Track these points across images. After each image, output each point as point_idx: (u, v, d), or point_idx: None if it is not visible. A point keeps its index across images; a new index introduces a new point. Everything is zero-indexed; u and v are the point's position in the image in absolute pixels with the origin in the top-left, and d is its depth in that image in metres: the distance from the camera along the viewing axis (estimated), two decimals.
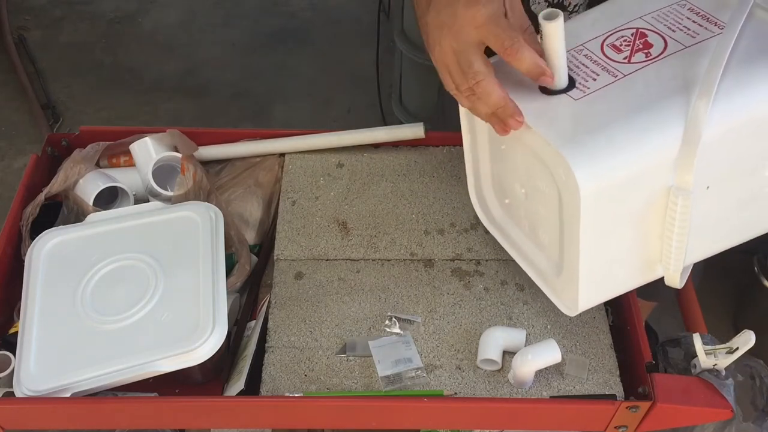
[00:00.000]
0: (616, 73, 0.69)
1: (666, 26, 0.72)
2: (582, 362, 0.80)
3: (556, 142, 0.65)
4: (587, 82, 0.69)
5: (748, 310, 1.70)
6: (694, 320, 0.92)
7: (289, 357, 0.81)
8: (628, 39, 0.72)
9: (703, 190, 0.67)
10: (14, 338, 0.78)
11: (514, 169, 0.77)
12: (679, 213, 0.66)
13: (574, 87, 0.69)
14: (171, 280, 0.80)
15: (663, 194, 0.66)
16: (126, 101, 2.32)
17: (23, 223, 0.88)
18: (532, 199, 0.76)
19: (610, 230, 0.68)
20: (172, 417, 0.78)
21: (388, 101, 2.10)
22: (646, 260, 0.72)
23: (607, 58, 0.70)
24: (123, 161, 0.98)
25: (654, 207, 0.67)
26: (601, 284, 0.74)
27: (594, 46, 0.72)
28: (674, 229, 0.67)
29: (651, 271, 0.73)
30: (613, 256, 0.71)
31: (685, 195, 0.65)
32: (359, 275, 0.88)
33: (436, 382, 0.78)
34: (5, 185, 2.06)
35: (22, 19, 2.60)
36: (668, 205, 0.66)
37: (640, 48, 0.70)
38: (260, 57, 2.48)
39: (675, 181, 0.65)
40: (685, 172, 0.64)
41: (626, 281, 0.75)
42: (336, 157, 1.00)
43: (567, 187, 0.66)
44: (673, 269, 0.71)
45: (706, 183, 0.67)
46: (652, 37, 0.71)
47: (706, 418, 0.74)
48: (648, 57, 0.69)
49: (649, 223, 0.68)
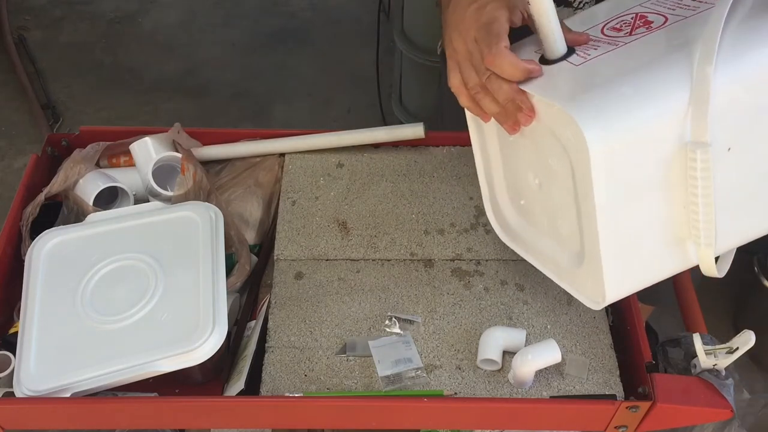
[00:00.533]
0: (617, 43, 0.67)
1: (666, 7, 0.70)
2: (582, 362, 0.80)
3: (561, 102, 0.62)
4: (587, 51, 0.67)
5: (748, 310, 1.70)
6: (694, 320, 0.92)
7: (289, 357, 0.81)
8: (628, 21, 0.70)
9: (725, 151, 0.63)
10: (14, 338, 0.78)
11: (525, 157, 0.75)
12: (700, 170, 0.62)
13: (574, 54, 0.67)
14: (171, 280, 0.80)
15: (681, 155, 0.62)
16: (126, 101, 2.33)
17: (23, 223, 0.88)
18: (546, 185, 0.73)
19: (627, 198, 0.64)
20: (172, 417, 0.78)
21: (388, 101, 2.10)
22: (674, 238, 0.67)
23: (607, 36, 0.69)
24: (123, 161, 0.98)
25: (673, 171, 0.63)
26: (627, 269, 0.69)
27: (594, 32, 0.71)
28: (698, 191, 0.63)
29: (683, 253, 0.68)
30: (634, 232, 0.66)
31: (704, 149, 0.61)
32: (359, 275, 0.88)
33: (436, 382, 0.78)
34: (5, 185, 2.06)
35: (22, 19, 2.60)
36: (687, 164, 0.62)
37: (640, 25, 0.69)
38: (260, 57, 2.48)
39: (690, 137, 0.62)
40: (699, 127, 0.61)
41: (655, 266, 0.70)
42: (336, 157, 1.00)
43: (576, 150, 0.63)
44: (704, 242, 0.65)
45: (726, 144, 0.63)
46: (652, 16, 0.70)
47: (706, 418, 0.74)
48: (649, 29, 0.68)
49: (671, 191, 0.64)
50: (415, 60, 1.82)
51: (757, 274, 1.54)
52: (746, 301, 1.71)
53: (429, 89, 1.85)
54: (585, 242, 0.70)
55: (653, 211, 0.66)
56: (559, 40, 0.67)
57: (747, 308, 1.71)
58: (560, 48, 0.67)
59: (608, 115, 0.60)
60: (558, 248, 0.76)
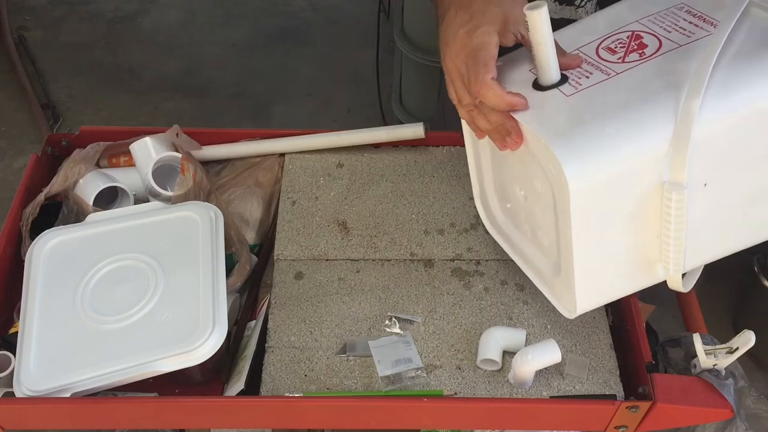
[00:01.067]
0: (609, 72, 0.69)
1: (662, 28, 0.71)
2: (582, 362, 0.80)
3: (547, 137, 0.65)
4: (579, 79, 0.69)
5: (748, 310, 1.70)
6: (694, 320, 0.92)
7: (289, 357, 0.81)
8: (623, 41, 0.72)
9: (700, 187, 0.66)
10: (14, 338, 0.78)
11: (514, 171, 0.78)
12: (674, 209, 0.65)
13: (566, 83, 0.69)
14: (171, 280, 0.80)
15: (657, 190, 0.65)
16: (126, 101, 2.32)
17: (23, 223, 0.88)
18: (530, 200, 0.76)
19: (603, 227, 0.67)
20: (172, 417, 0.78)
21: (388, 101, 2.10)
22: (644, 260, 0.71)
23: (601, 59, 0.70)
24: (123, 161, 0.98)
25: (649, 203, 0.66)
26: (598, 286, 0.73)
27: (590, 50, 0.72)
28: (671, 226, 0.66)
29: (651, 273, 0.72)
30: (608, 255, 0.70)
31: (679, 190, 0.64)
32: (359, 275, 0.88)
33: (436, 382, 0.78)
34: (5, 185, 2.06)
35: (22, 19, 2.60)
36: (663, 201, 0.65)
37: (634, 49, 0.70)
38: (260, 57, 2.48)
39: (668, 177, 0.64)
40: (677, 166, 0.63)
41: (625, 283, 0.74)
42: (336, 157, 1.00)
43: (557, 183, 0.65)
44: (673, 269, 0.70)
45: (702, 180, 0.66)
46: (647, 38, 0.71)
47: (706, 418, 0.74)
48: (642, 56, 0.69)
49: (645, 221, 0.68)
50: (415, 60, 1.81)
51: (757, 274, 1.54)
52: (746, 301, 1.70)
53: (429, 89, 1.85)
54: (561, 257, 0.73)
55: (626, 238, 0.69)
56: (554, 70, 0.68)
57: (747, 308, 1.71)
58: (554, 77, 0.69)
59: (590, 156, 0.63)
60: (539, 255, 0.80)
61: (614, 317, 0.85)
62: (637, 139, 0.63)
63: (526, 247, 0.82)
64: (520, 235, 0.83)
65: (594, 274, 0.71)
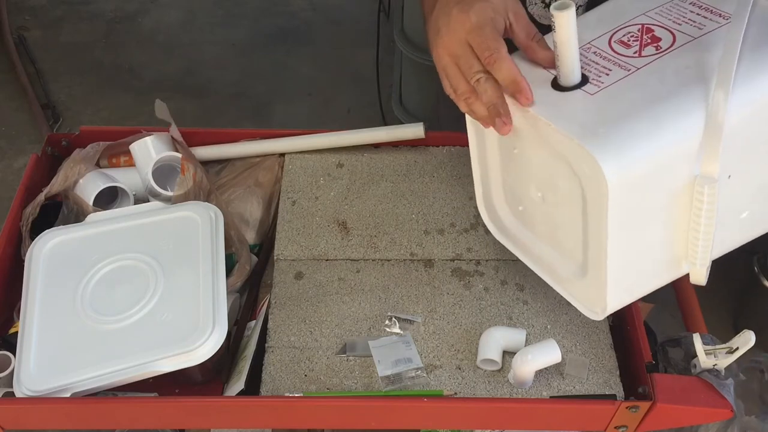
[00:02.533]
0: (629, 67, 0.68)
1: (671, 20, 0.71)
2: (582, 362, 0.80)
3: (579, 137, 0.63)
4: (600, 77, 0.68)
5: (748, 310, 1.70)
6: (694, 320, 0.92)
7: (289, 357, 0.81)
8: (635, 34, 0.71)
9: (725, 179, 0.66)
10: (14, 338, 0.78)
11: (529, 172, 0.76)
12: (706, 203, 0.64)
13: (588, 83, 0.68)
14: (171, 280, 0.80)
15: (688, 185, 0.65)
16: (126, 101, 2.32)
17: (23, 223, 0.88)
18: (550, 202, 0.75)
19: (639, 224, 0.67)
20: (172, 417, 0.78)
21: (388, 101, 2.10)
22: (673, 256, 0.70)
23: (617, 53, 0.70)
24: (123, 161, 0.98)
25: (680, 199, 0.66)
26: (629, 283, 0.72)
27: (602, 44, 0.71)
28: (701, 221, 0.66)
29: (677, 268, 0.72)
30: (640, 253, 0.69)
31: (711, 184, 0.63)
32: (359, 275, 0.88)
33: (436, 382, 0.78)
34: (5, 185, 2.06)
35: (22, 19, 2.60)
36: (694, 195, 0.65)
37: (648, 42, 0.70)
38: (260, 57, 2.48)
39: (700, 170, 0.64)
40: (710, 160, 0.63)
41: (653, 279, 0.73)
42: (336, 157, 1.00)
43: (592, 182, 0.64)
44: (700, 264, 0.69)
45: (728, 172, 0.66)
46: (658, 31, 0.71)
47: (706, 418, 0.74)
48: (658, 50, 0.69)
49: (677, 216, 0.67)
50: (415, 60, 1.82)
51: (757, 274, 1.54)
52: (746, 301, 1.70)
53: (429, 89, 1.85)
54: (589, 258, 0.71)
55: (658, 234, 0.69)
56: (576, 70, 0.68)
57: (747, 308, 1.71)
58: (576, 77, 0.68)
59: (626, 153, 0.62)
60: (558, 257, 0.78)
61: (614, 317, 0.85)
62: (669, 134, 0.63)
63: (540, 249, 0.80)
64: (533, 237, 0.81)
65: (626, 273, 0.70)
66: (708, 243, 0.67)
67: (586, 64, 0.70)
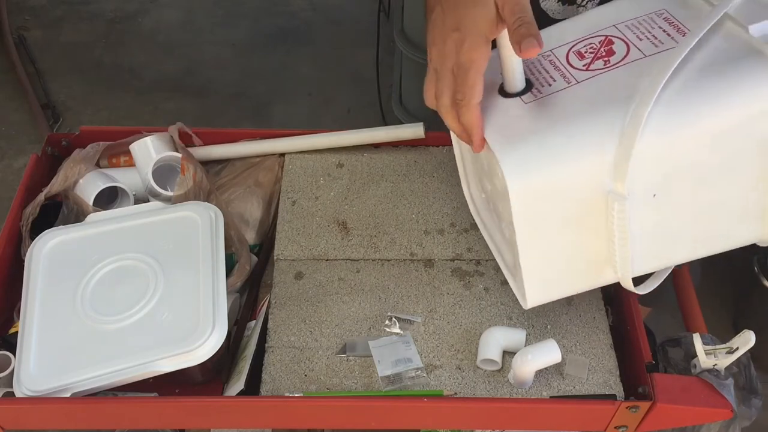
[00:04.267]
0: (571, 80, 0.70)
1: (635, 35, 0.71)
2: (582, 362, 0.80)
3: (494, 142, 0.67)
4: (543, 87, 0.70)
5: (748, 310, 1.70)
6: (694, 320, 0.92)
7: (289, 357, 0.81)
8: (594, 46, 0.72)
9: (649, 197, 0.67)
10: (14, 338, 0.78)
11: (481, 163, 0.80)
12: (617, 219, 0.66)
13: (530, 91, 0.70)
14: (171, 280, 0.80)
15: (603, 198, 0.66)
16: (126, 101, 2.32)
17: (23, 223, 0.88)
18: (493, 195, 0.79)
19: (546, 229, 0.69)
20: (172, 417, 0.78)
21: (388, 101, 2.10)
22: (594, 261, 0.72)
23: (569, 64, 0.71)
24: (123, 161, 0.98)
25: (596, 210, 0.67)
26: (547, 282, 0.74)
27: (561, 53, 0.73)
28: (615, 234, 0.67)
29: (601, 273, 0.73)
30: (553, 254, 0.71)
31: (621, 201, 0.65)
32: (359, 275, 0.88)
33: (436, 382, 0.78)
34: (5, 185, 2.06)
35: (22, 19, 2.60)
36: (608, 210, 0.67)
37: (602, 55, 0.71)
38: (260, 57, 2.48)
39: (612, 187, 0.65)
40: (619, 178, 0.64)
41: (577, 281, 0.75)
42: (336, 157, 1.00)
43: (503, 185, 0.67)
44: (621, 272, 0.71)
45: (651, 191, 0.67)
46: (617, 44, 0.71)
47: (706, 418, 0.74)
48: (606, 64, 0.70)
49: (593, 225, 0.69)
50: (415, 60, 1.81)
51: (757, 274, 1.54)
52: (746, 301, 1.70)
53: None
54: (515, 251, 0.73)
55: (571, 239, 0.70)
56: (518, 79, 0.70)
57: (747, 308, 1.71)
58: (518, 85, 0.71)
59: (531, 164, 0.65)
60: (505, 246, 0.81)
61: (614, 317, 0.85)
62: (579, 149, 0.65)
63: (497, 237, 0.84)
64: (492, 224, 0.85)
65: (541, 272, 0.73)
66: (625, 254, 0.69)
67: (537, 71, 0.72)
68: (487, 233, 0.87)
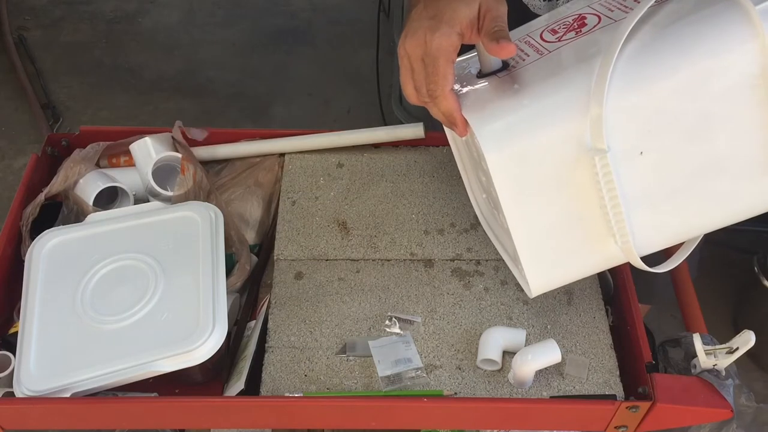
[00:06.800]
0: (543, 51, 0.70)
1: (607, 8, 0.71)
2: (582, 362, 0.80)
3: (472, 120, 0.67)
4: (518, 63, 0.71)
5: (748, 310, 1.70)
6: (694, 320, 0.92)
7: (289, 357, 0.81)
8: (567, 23, 0.72)
9: (636, 155, 0.65)
10: (14, 338, 0.78)
11: (473, 156, 0.79)
12: (601, 174, 0.65)
13: (506, 69, 0.71)
14: (171, 280, 0.80)
15: (589, 160, 0.65)
16: (126, 101, 2.33)
17: (23, 223, 0.88)
18: (486, 185, 0.78)
19: (535, 198, 0.68)
20: (172, 417, 0.78)
21: (388, 101, 2.10)
22: (596, 234, 0.70)
23: (543, 40, 0.72)
24: (123, 161, 0.98)
25: (582, 173, 0.66)
26: (547, 263, 0.73)
27: (536, 34, 0.74)
28: (604, 193, 0.66)
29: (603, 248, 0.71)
30: (547, 228, 0.70)
31: (602, 154, 0.64)
32: (359, 275, 0.88)
33: (436, 382, 0.78)
34: (5, 185, 2.06)
35: (22, 19, 2.61)
36: (592, 168, 0.66)
37: (574, 28, 0.71)
38: (260, 57, 2.49)
39: (590, 143, 0.65)
40: (596, 133, 0.64)
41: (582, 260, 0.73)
42: (336, 157, 1.00)
43: (484, 159, 0.66)
44: (620, 239, 0.68)
45: (638, 148, 0.65)
46: (589, 18, 0.71)
47: (706, 418, 0.74)
48: (578, 34, 0.70)
49: (581, 191, 0.67)
50: None
51: (757, 274, 1.54)
52: (746, 301, 1.71)
53: None
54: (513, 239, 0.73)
55: (567, 208, 0.69)
56: (492, 58, 0.70)
57: (747, 308, 1.71)
58: (494, 64, 0.71)
59: (504, 129, 0.65)
60: (505, 235, 0.80)
61: (614, 317, 0.85)
62: (553, 111, 0.64)
63: (498, 231, 0.84)
64: (494, 221, 0.85)
65: (538, 248, 0.71)
66: (620, 216, 0.67)
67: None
68: (490, 230, 0.87)
